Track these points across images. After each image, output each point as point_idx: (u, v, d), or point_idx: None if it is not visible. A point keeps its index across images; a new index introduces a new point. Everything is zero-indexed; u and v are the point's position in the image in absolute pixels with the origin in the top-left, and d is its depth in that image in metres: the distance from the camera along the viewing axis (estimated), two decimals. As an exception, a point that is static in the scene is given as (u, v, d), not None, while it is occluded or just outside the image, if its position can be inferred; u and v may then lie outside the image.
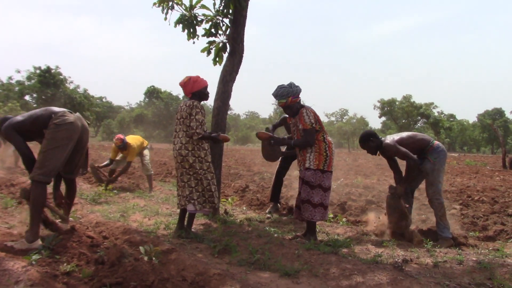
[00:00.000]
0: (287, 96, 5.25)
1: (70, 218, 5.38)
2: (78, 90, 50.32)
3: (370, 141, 5.70)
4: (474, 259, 4.44)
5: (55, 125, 4.45)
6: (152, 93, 79.59)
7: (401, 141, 5.59)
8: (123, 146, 8.88)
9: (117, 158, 9.39)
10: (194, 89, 5.28)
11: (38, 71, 48.13)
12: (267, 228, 5.68)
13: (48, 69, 47.54)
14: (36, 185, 4.31)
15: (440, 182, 5.52)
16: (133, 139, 9.22)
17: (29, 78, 48.88)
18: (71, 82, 50.14)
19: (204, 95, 5.35)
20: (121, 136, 9.00)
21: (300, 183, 5.32)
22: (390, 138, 5.66)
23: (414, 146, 5.59)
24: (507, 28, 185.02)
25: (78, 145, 4.73)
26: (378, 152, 5.73)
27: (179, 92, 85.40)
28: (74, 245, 4.13)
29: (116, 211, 6.59)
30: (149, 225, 5.82)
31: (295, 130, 5.42)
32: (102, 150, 28.47)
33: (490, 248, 4.95)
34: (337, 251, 4.60)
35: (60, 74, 48.40)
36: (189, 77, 5.32)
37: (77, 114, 4.81)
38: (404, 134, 5.78)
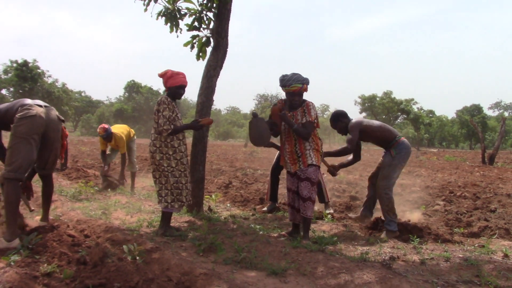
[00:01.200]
0: (303, 83, 5.02)
1: (50, 216, 5.24)
2: (57, 84, 49.57)
3: (339, 121, 5.95)
4: (461, 256, 4.44)
5: (17, 119, 4.32)
6: (132, 87, 78.72)
7: (370, 128, 5.78)
8: (107, 136, 8.44)
9: (107, 152, 9.01)
10: (168, 84, 5.17)
11: (15, 65, 47.19)
12: (252, 226, 5.61)
13: (25, 63, 46.63)
14: (7, 182, 4.18)
15: (394, 178, 5.64)
16: (119, 129, 8.79)
17: (5, 71, 47.92)
18: (49, 76, 49.38)
19: (176, 94, 5.20)
20: (104, 125, 8.54)
21: (296, 181, 5.15)
22: (359, 121, 5.85)
23: (381, 135, 5.75)
24: (485, 26, 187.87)
25: (45, 140, 4.55)
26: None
27: (159, 87, 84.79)
28: (54, 245, 4.00)
29: (97, 208, 6.44)
30: (131, 222, 5.69)
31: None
32: (82, 145, 28.08)
33: (476, 245, 4.94)
34: (324, 249, 4.54)
35: (37, 68, 47.52)
36: (166, 71, 5.22)
37: (48, 108, 4.63)
38: (376, 122, 5.92)
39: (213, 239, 4.62)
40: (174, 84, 5.15)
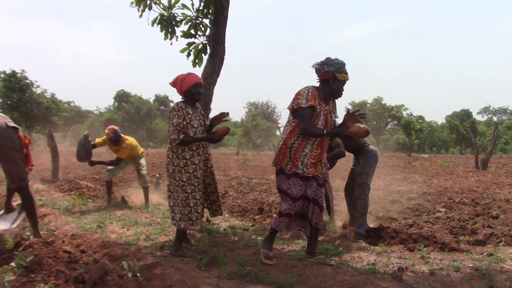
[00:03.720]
0: None
1: (44, 232, 5.05)
2: (45, 94, 48.97)
3: None
4: (471, 265, 4.32)
5: None
6: (122, 97, 78.37)
7: None
8: (115, 139, 7.80)
9: (109, 167, 8.24)
10: (183, 88, 4.79)
11: (2, 75, 46.66)
12: (253, 237, 5.45)
13: (14, 73, 46.06)
14: None
15: (368, 184, 5.73)
16: (130, 138, 8.15)
17: (-7, 82, 47.42)
18: (38, 86, 48.67)
19: (194, 94, 4.80)
20: (114, 127, 7.91)
21: (316, 186, 4.53)
22: None
23: (355, 142, 5.78)
24: (473, 32, 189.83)
25: None
26: None
27: (149, 96, 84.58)
28: (50, 262, 3.82)
29: (92, 222, 6.25)
30: (128, 236, 5.52)
31: (328, 119, 4.47)
32: (72, 156, 27.73)
33: (484, 253, 4.82)
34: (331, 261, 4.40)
35: (26, 78, 46.94)
36: (176, 77, 4.90)
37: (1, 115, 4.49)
38: None
39: (215, 252, 4.46)
40: (189, 85, 4.78)
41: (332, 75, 4.36)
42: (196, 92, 4.81)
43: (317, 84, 4.49)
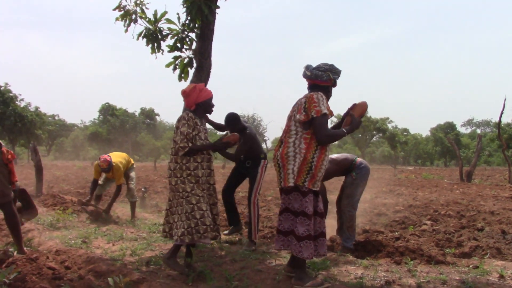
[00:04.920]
0: None
1: (28, 248, 4.97)
2: (29, 108, 48.61)
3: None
4: (457, 278, 4.34)
5: None
6: (107, 110, 77.88)
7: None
8: (109, 169, 7.73)
9: (100, 181, 8.18)
10: (200, 99, 4.63)
11: (-14, 89, 46.28)
12: (241, 252, 5.41)
13: (-3, 87, 45.74)
14: None
15: (357, 196, 5.71)
16: (117, 157, 7.98)
17: (-24, 96, 46.90)
18: (22, 100, 48.36)
19: (210, 107, 4.76)
20: (107, 157, 7.74)
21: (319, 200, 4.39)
22: None
23: (339, 168, 5.80)
24: (457, 45, 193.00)
25: None
26: None
27: (135, 109, 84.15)
28: (34, 279, 3.76)
29: (76, 237, 6.17)
30: (113, 251, 5.45)
31: None
32: (56, 170, 27.48)
33: (470, 266, 4.85)
34: (317, 275, 4.39)
35: (9, 91, 46.52)
36: (194, 85, 4.73)
37: None
38: (332, 157, 5.81)
39: (202, 267, 4.42)
40: (207, 97, 4.68)
41: (333, 83, 4.36)
42: (211, 105, 4.78)
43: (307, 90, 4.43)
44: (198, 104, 4.67)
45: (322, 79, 4.28)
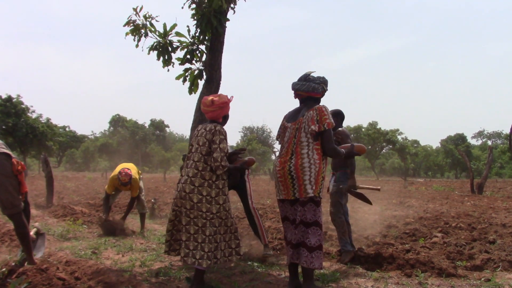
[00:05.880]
0: None
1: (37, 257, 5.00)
2: (41, 119, 49.05)
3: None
4: (469, 291, 4.29)
5: None
6: (117, 121, 78.57)
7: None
8: (129, 183, 7.55)
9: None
10: (227, 111, 4.48)
11: (-1, 100, 46.82)
12: (250, 263, 5.40)
13: (9, 98, 46.16)
14: None
15: (342, 204, 5.79)
16: (132, 169, 7.80)
17: (-11, 107, 47.44)
18: (33, 111, 48.84)
19: (228, 119, 4.64)
20: (128, 171, 7.55)
21: None
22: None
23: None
24: (467, 56, 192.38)
25: None
26: None
27: (145, 121, 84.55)
28: (44, 289, 3.78)
29: (86, 248, 6.19)
30: (123, 262, 5.46)
31: None
32: (66, 181, 27.64)
33: (482, 279, 4.80)
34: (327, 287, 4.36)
35: (21, 103, 47.03)
36: (225, 96, 4.48)
37: None
38: None
39: (211, 279, 4.41)
40: (229, 109, 4.53)
41: (323, 95, 4.45)
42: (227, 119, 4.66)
43: (297, 102, 4.55)
44: (224, 117, 4.54)
45: (317, 91, 4.35)
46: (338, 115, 5.94)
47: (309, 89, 4.33)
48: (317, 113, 4.19)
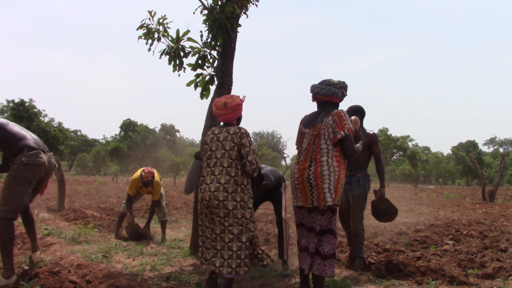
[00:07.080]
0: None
1: (48, 258, 5.06)
2: (53, 123, 49.49)
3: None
4: (481, 299, 4.26)
5: (22, 163, 4.38)
6: (128, 126, 78.89)
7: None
8: (150, 182, 7.41)
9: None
10: (240, 113, 4.38)
11: (11, 104, 47.25)
12: (260, 268, 5.40)
13: (22, 102, 46.68)
14: (2, 221, 4.24)
15: (364, 209, 5.71)
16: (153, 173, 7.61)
17: (1, 111, 47.90)
18: (46, 115, 49.34)
19: (241, 120, 4.51)
20: (151, 169, 7.44)
21: None
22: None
23: (366, 156, 5.92)
24: (479, 63, 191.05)
25: (38, 184, 4.74)
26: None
27: (155, 125, 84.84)
28: (56, 292, 3.81)
29: (97, 251, 6.23)
30: (134, 266, 5.49)
31: None
32: (77, 185, 27.81)
33: (493, 287, 4.76)
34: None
35: (34, 107, 47.55)
36: (237, 97, 4.36)
37: (49, 155, 4.80)
38: None
39: (220, 284, 4.42)
40: (241, 111, 4.42)
41: (341, 100, 4.41)
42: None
43: (315, 106, 4.48)
44: (238, 118, 4.45)
45: (337, 96, 4.30)
46: (359, 112, 5.75)
47: (329, 93, 4.27)
48: (337, 119, 4.14)
